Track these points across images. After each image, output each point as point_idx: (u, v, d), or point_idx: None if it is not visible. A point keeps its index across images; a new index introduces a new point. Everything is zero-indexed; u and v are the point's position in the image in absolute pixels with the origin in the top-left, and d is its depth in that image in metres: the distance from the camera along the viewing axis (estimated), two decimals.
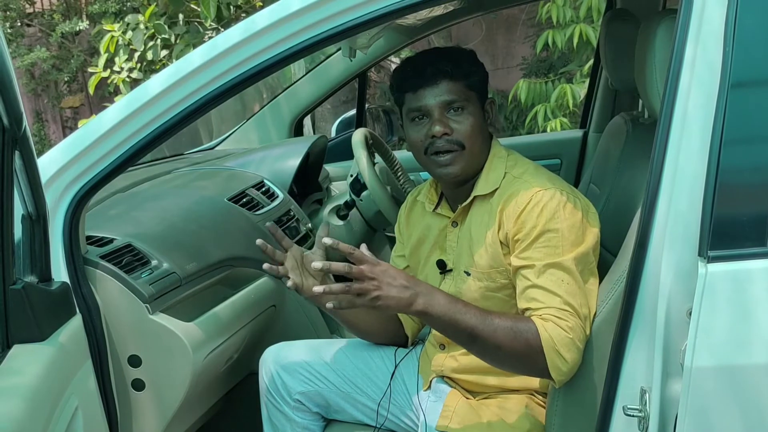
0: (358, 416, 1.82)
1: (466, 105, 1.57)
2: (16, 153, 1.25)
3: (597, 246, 1.53)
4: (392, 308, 1.41)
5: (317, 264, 1.37)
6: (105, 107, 1.59)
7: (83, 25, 6.81)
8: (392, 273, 1.40)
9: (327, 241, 1.41)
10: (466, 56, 1.61)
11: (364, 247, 1.42)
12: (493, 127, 1.63)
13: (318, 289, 1.37)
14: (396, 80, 1.62)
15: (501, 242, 1.55)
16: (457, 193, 1.65)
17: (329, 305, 1.40)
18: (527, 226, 1.49)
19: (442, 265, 1.67)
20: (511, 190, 1.55)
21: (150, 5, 5.16)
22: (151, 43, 5.24)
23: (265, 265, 1.55)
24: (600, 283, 1.52)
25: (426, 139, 1.57)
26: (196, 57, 1.48)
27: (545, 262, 1.47)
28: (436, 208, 1.70)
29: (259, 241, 1.56)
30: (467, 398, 1.67)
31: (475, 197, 1.61)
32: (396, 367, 1.79)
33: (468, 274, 1.61)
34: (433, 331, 1.72)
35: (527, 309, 1.48)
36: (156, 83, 1.50)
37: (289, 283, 1.55)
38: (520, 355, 1.44)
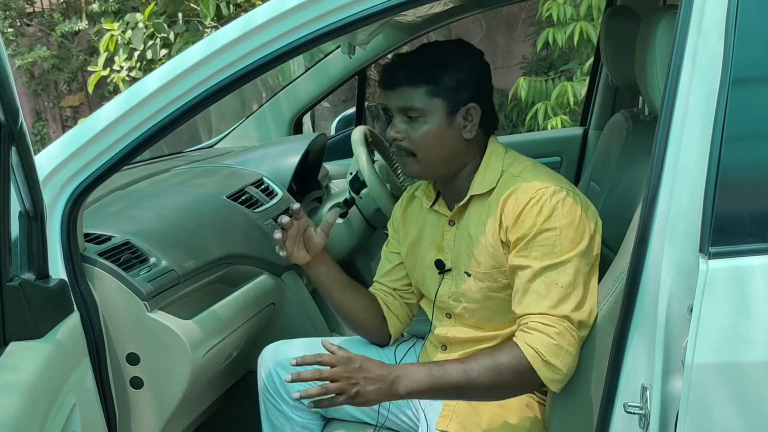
0: (358, 415, 1.81)
1: (425, 113, 1.54)
2: (13, 149, 1.24)
3: (597, 244, 1.52)
4: (374, 402, 1.44)
5: (288, 377, 1.42)
6: None
7: (83, 24, 6.80)
8: (367, 366, 1.43)
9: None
10: (438, 61, 1.55)
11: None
12: (471, 133, 1.57)
13: (296, 394, 1.42)
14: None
15: (502, 242, 1.54)
16: (452, 190, 1.64)
17: (308, 403, 1.45)
18: (526, 225, 1.49)
19: (440, 265, 1.66)
20: (510, 189, 1.53)
21: (149, 4, 5.16)
22: (150, 42, 5.24)
23: (276, 233, 1.68)
24: (600, 280, 1.51)
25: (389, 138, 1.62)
26: (194, 53, 1.48)
27: (542, 265, 1.46)
28: (433, 204, 1.69)
29: (295, 206, 1.68)
30: None
31: (471, 197, 1.60)
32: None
33: (468, 274, 1.60)
34: (434, 331, 1.72)
35: (515, 314, 1.50)
36: (154, 79, 1.49)
37: (282, 252, 1.68)
38: (513, 383, 1.46)
